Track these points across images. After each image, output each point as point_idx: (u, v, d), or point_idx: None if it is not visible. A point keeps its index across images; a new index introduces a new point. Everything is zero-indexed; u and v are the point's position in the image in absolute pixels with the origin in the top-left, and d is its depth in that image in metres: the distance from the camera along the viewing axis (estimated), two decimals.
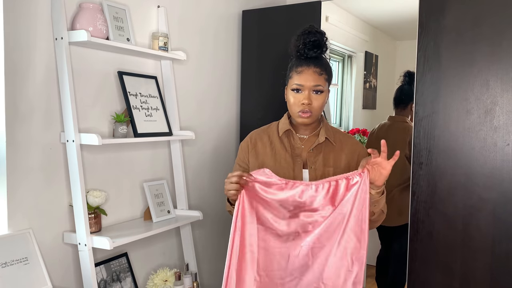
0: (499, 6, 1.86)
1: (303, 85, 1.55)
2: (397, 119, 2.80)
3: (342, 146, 1.65)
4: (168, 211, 2.17)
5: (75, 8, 1.79)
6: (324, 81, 1.57)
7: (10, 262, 1.56)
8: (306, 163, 1.62)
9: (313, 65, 1.56)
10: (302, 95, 1.55)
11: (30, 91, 1.66)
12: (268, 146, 1.66)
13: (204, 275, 2.58)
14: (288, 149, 1.63)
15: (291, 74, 1.60)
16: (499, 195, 1.88)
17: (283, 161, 1.62)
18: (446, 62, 1.96)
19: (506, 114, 1.86)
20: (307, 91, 1.55)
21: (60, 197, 1.79)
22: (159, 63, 2.22)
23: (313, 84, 1.54)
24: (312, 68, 1.55)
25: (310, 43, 1.56)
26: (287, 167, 1.61)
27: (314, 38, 1.57)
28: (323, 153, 1.63)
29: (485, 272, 1.92)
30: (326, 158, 1.62)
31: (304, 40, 1.57)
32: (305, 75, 1.55)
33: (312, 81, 1.54)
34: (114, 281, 1.96)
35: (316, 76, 1.55)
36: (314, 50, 1.57)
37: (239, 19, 2.75)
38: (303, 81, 1.55)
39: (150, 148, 2.20)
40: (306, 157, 1.62)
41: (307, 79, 1.55)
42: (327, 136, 1.63)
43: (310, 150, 1.62)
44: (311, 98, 1.55)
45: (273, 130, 1.70)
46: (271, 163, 1.62)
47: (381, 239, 2.92)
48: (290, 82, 1.59)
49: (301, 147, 1.63)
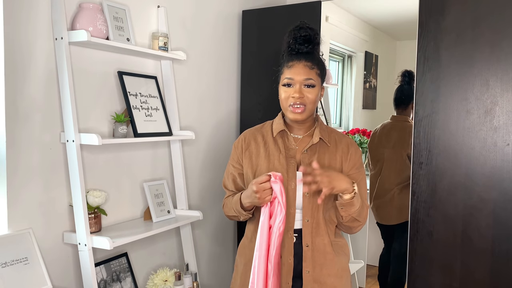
0: (499, 7, 1.86)
1: (293, 78, 1.53)
2: (399, 118, 2.81)
3: (337, 146, 1.63)
4: (168, 211, 2.17)
5: (75, 8, 1.79)
6: (316, 76, 1.55)
7: (10, 262, 1.56)
8: (300, 164, 1.59)
9: (304, 59, 1.54)
10: (293, 89, 1.53)
11: (30, 91, 1.66)
12: (262, 147, 1.63)
13: (204, 275, 2.58)
14: (282, 150, 1.61)
15: (282, 69, 1.58)
16: (499, 195, 1.88)
17: (277, 163, 1.59)
18: (446, 62, 1.96)
19: (506, 114, 1.86)
20: (298, 85, 1.53)
21: (60, 197, 1.79)
22: (159, 63, 2.22)
23: (304, 78, 1.52)
24: (303, 62, 1.54)
25: (301, 38, 1.55)
26: (281, 169, 1.58)
27: (305, 33, 1.55)
28: (318, 154, 1.60)
29: (485, 272, 1.92)
30: (320, 159, 1.59)
31: (295, 35, 1.56)
32: (296, 69, 1.53)
33: (303, 75, 1.52)
34: (114, 281, 1.96)
35: (307, 70, 1.53)
36: (305, 45, 1.56)
37: (239, 19, 2.75)
38: (293, 75, 1.53)
39: (150, 148, 2.20)
40: (300, 158, 1.60)
41: (298, 72, 1.53)
42: (321, 137, 1.61)
43: (304, 151, 1.60)
44: (302, 92, 1.53)
45: (267, 130, 1.67)
46: (265, 165, 1.60)
47: (384, 239, 2.93)
48: (282, 78, 1.58)
49: (295, 148, 1.61)
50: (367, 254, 3.19)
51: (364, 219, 1.59)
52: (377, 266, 3.00)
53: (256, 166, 1.62)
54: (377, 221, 2.87)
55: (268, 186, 1.45)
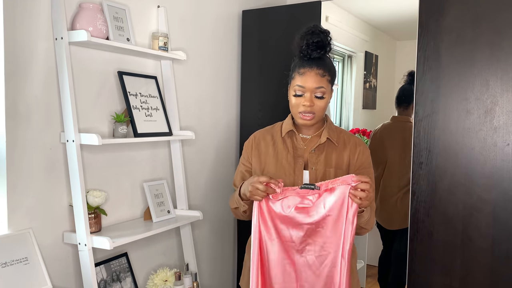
0: (499, 7, 1.86)
1: (305, 87, 1.54)
2: (400, 119, 2.79)
3: (345, 145, 1.65)
4: (168, 211, 2.17)
5: (75, 8, 1.79)
6: (327, 83, 1.56)
7: (10, 262, 1.56)
8: (307, 164, 1.62)
9: (315, 66, 1.54)
10: (304, 98, 1.55)
11: (30, 91, 1.66)
12: (270, 146, 1.66)
13: (204, 275, 2.58)
14: (290, 150, 1.63)
15: (293, 74, 1.59)
16: (499, 195, 1.88)
17: (285, 162, 1.62)
18: (446, 62, 1.96)
19: (506, 114, 1.86)
20: (309, 94, 1.54)
21: (60, 197, 1.79)
22: (159, 63, 2.22)
23: (315, 86, 1.54)
24: (315, 70, 1.54)
25: (313, 44, 1.54)
26: (288, 168, 1.61)
27: (317, 39, 1.54)
28: (325, 154, 1.62)
29: (485, 272, 1.91)
30: (328, 159, 1.62)
31: (308, 41, 1.54)
32: (307, 77, 1.54)
33: (314, 83, 1.53)
34: (114, 281, 1.96)
35: (319, 78, 1.54)
36: (318, 51, 1.55)
37: (239, 19, 2.75)
38: (305, 83, 1.54)
39: (150, 148, 2.20)
40: (308, 157, 1.62)
41: (309, 81, 1.53)
42: (329, 137, 1.62)
43: (311, 150, 1.62)
44: (313, 101, 1.54)
45: (276, 130, 1.70)
46: (273, 164, 1.63)
47: (383, 240, 2.92)
48: (292, 83, 1.58)
49: (304, 148, 1.63)
50: (367, 254, 3.18)
51: (371, 226, 1.61)
52: (377, 266, 3.00)
53: (264, 164, 1.64)
54: (378, 222, 2.86)
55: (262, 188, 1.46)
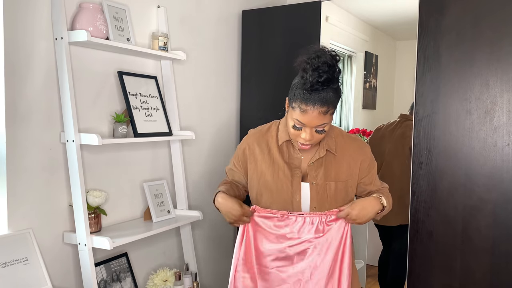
0: (499, 6, 1.86)
1: (306, 124, 1.44)
2: (407, 117, 2.77)
3: (344, 154, 1.60)
4: (168, 211, 2.17)
5: (75, 8, 1.79)
6: (330, 116, 1.46)
7: (10, 262, 1.56)
8: (306, 175, 1.57)
9: (319, 104, 1.40)
10: (304, 131, 1.46)
11: (30, 91, 1.66)
12: (266, 154, 1.61)
13: (204, 275, 2.58)
14: (287, 160, 1.58)
15: (294, 104, 1.44)
16: (499, 195, 1.88)
17: (281, 173, 1.57)
18: (446, 62, 1.96)
19: (506, 114, 1.86)
20: (309, 130, 1.46)
21: (60, 197, 1.79)
22: (159, 63, 2.22)
23: (316, 124, 1.44)
24: (318, 109, 1.40)
25: (318, 83, 1.39)
26: (285, 180, 1.56)
27: (325, 77, 1.38)
28: (324, 166, 1.57)
29: (485, 272, 1.92)
30: (327, 171, 1.57)
31: (313, 78, 1.39)
32: (309, 117, 1.42)
33: (316, 122, 1.43)
34: (114, 281, 1.96)
35: (321, 116, 1.42)
36: (323, 87, 1.41)
37: (239, 19, 2.76)
38: (306, 122, 1.43)
39: (150, 148, 2.20)
40: (306, 169, 1.57)
41: (311, 121, 1.42)
42: (328, 148, 1.57)
43: (310, 163, 1.57)
44: (313, 135, 1.46)
45: (272, 135, 1.63)
46: (269, 175, 1.58)
47: (382, 239, 2.92)
48: (292, 114, 1.46)
49: (301, 158, 1.57)
50: (367, 254, 3.19)
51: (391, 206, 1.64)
52: (377, 266, 3.00)
53: (260, 174, 1.60)
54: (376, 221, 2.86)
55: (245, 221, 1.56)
